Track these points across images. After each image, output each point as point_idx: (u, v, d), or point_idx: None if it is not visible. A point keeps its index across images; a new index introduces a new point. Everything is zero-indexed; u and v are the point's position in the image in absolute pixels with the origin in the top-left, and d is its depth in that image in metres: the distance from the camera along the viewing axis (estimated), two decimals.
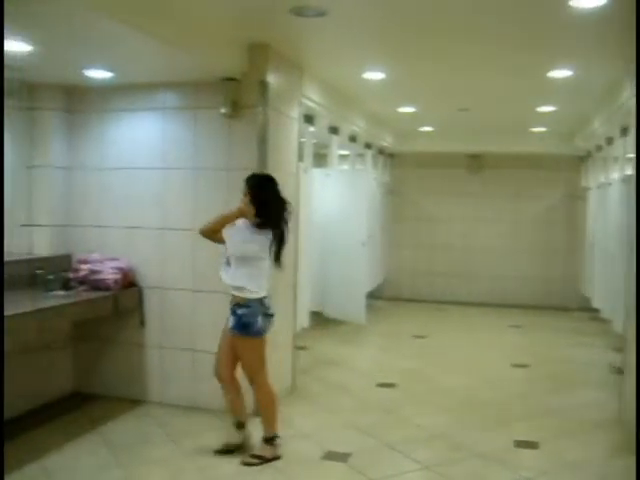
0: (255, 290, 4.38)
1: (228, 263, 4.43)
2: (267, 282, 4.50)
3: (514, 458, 4.73)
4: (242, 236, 4.38)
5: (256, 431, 4.70)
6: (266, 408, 4.58)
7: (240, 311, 4.36)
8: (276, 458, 4.53)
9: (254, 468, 4.41)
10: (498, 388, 6.58)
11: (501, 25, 4.83)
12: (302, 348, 7.44)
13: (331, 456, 4.65)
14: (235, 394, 4.65)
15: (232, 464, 4.46)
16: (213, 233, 4.50)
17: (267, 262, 4.45)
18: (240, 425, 4.67)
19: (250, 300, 4.36)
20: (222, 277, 4.47)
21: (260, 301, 4.40)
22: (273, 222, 4.39)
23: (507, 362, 7.59)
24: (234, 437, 4.68)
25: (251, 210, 4.38)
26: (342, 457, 4.62)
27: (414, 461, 4.59)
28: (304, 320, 7.62)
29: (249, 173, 4.99)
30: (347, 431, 5.20)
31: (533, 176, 11.57)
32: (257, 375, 4.52)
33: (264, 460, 4.49)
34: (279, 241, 4.44)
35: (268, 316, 4.48)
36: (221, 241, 4.46)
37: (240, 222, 4.45)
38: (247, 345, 4.45)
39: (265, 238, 4.37)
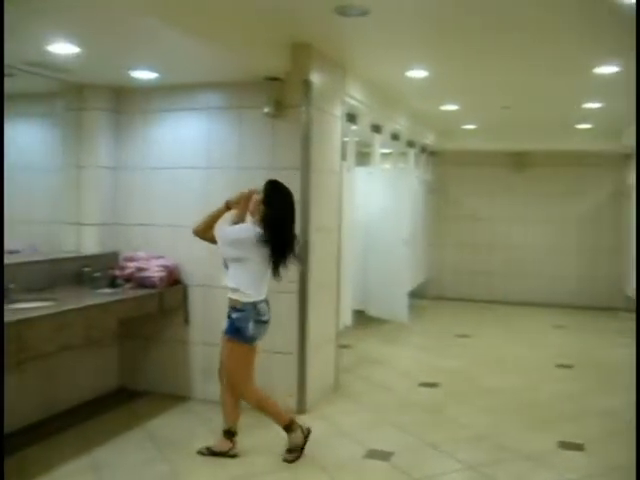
0: (249, 292, 4.29)
1: (226, 265, 4.38)
2: (264, 286, 4.39)
3: (559, 460, 4.69)
4: (228, 237, 4.33)
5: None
6: (264, 410, 4.50)
7: (234, 315, 4.31)
8: (308, 435, 4.51)
9: (296, 464, 4.43)
10: (542, 389, 6.52)
11: (547, 22, 4.77)
12: (345, 347, 7.44)
13: (373, 455, 4.65)
14: (231, 401, 4.56)
15: (275, 460, 4.49)
16: (204, 232, 4.47)
17: (262, 266, 4.34)
18: (229, 433, 4.57)
19: (244, 304, 4.28)
20: (223, 280, 4.44)
21: (254, 305, 4.30)
22: (272, 232, 4.27)
23: (551, 362, 7.51)
24: (219, 443, 4.58)
25: (244, 213, 4.42)
26: (384, 456, 4.61)
27: (457, 461, 4.57)
28: (347, 318, 7.63)
29: (294, 172, 5.07)
30: (390, 430, 5.19)
31: (578, 174, 11.42)
32: (240, 383, 4.44)
33: (299, 449, 4.47)
34: (279, 254, 4.33)
35: (261, 322, 4.36)
36: (213, 241, 4.41)
37: (242, 225, 4.43)
38: (235, 349, 4.38)
39: (260, 243, 4.25)
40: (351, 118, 6.98)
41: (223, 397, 4.59)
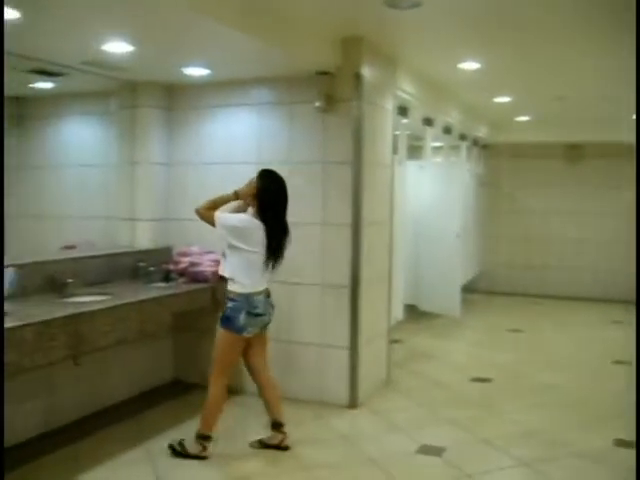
0: (245, 283, 4.26)
1: (224, 255, 4.36)
2: (261, 278, 4.36)
3: (614, 457, 4.60)
4: (228, 222, 4.29)
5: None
6: (207, 406, 4.42)
7: (229, 304, 4.29)
8: (201, 458, 4.37)
9: (348, 458, 4.44)
10: (598, 385, 6.40)
11: (600, 13, 4.67)
12: (396, 341, 7.42)
13: (426, 450, 4.62)
14: (271, 393, 4.59)
15: (327, 453, 4.51)
16: (204, 212, 4.36)
17: (258, 257, 4.28)
18: (276, 425, 4.58)
19: (239, 295, 4.25)
20: (219, 270, 4.43)
21: (246, 297, 4.26)
22: (264, 221, 4.27)
23: (607, 359, 7.36)
24: (270, 436, 4.60)
25: (250, 200, 4.36)
26: (437, 451, 4.59)
27: (511, 457, 4.52)
28: (398, 313, 7.60)
29: (345, 166, 5.06)
30: (442, 425, 5.16)
31: (634, 166, 11.12)
32: (215, 370, 4.40)
33: (185, 454, 4.40)
34: (271, 243, 4.29)
35: (253, 315, 4.30)
36: (212, 222, 4.32)
37: (243, 214, 4.41)
38: (222, 337, 4.35)
39: (258, 234, 4.25)
40: (402, 111, 6.94)
41: (262, 391, 4.62)
